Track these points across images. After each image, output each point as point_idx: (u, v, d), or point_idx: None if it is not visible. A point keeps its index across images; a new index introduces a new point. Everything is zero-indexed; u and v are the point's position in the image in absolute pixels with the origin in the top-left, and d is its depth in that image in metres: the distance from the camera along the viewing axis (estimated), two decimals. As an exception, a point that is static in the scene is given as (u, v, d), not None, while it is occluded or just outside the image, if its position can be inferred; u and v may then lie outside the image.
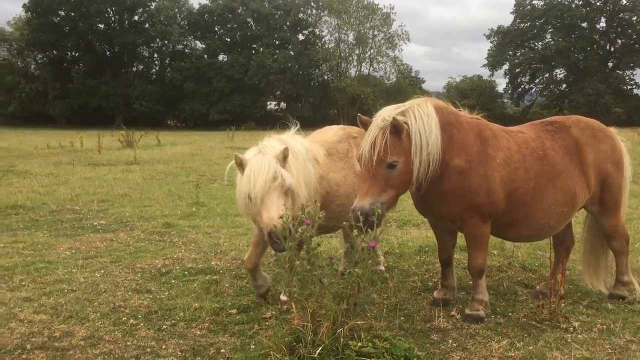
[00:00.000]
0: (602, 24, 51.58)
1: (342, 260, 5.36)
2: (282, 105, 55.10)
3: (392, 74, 55.18)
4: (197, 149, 20.85)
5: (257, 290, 4.65)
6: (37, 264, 5.79)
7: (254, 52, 51.94)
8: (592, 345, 3.79)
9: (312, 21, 54.59)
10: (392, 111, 3.91)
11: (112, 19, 52.50)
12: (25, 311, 4.44)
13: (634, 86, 51.95)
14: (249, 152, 4.16)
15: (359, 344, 3.21)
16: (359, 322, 3.39)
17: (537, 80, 55.32)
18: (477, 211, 4.07)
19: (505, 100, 58.73)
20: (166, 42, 53.11)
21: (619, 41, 51.65)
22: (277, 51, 51.01)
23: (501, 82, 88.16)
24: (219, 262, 5.93)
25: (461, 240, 5.05)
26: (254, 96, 50.24)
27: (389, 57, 54.30)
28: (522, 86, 56.23)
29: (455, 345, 3.82)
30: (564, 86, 53.88)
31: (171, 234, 7.27)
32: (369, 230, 3.46)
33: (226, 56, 53.19)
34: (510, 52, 54.28)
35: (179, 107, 50.78)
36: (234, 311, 4.47)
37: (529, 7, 52.76)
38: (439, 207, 4.17)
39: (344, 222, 3.64)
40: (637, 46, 50.15)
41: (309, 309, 3.35)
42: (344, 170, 4.71)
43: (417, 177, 3.89)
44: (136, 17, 53.40)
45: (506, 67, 54.38)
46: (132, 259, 6.02)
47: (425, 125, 3.85)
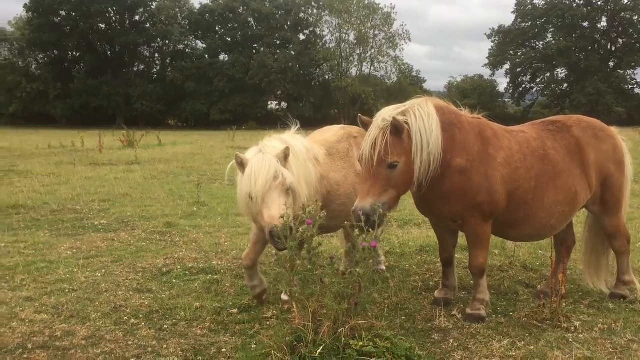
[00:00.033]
0: (604, 23, 51.52)
1: (343, 259, 5.36)
2: (283, 105, 55.04)
3: (393, 73, 55.11)
4: (198, 148, 20.86)
5: (252, 291, 4.61)
6: (39, 263, 5.79)
7: (254, 51, 51.87)
8: (594, 344, 3.78)
9: (313, 21, 54.51)
10: (392, 111, 3.90)
11: (113, 18, 52.50)
12: (26, 311, 4.44)
13: (635, 86, 51.90)
14: (250, 152, 4.15)
15: (360, 344, 3.21)
16: (360, 322, 3.38)
17: (538, 79, 55.24)
18: (478, 211, 4.06)
19: (506, 99, 58.63)
20: (167, 41, 53.10)
21: (620, 41, 51.52)
22: (278, 51, 50.98)
23: (502, 82, 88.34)
24: (220, 262, 5.93)
25: (462, 239, 5.04)
26: (254, 96, 50.22)
27: (390, 56, 54.22)
28: (523, 86, 56.14)
29: (456, 344, 3.81)
30: (565, 86, 53.80)
31: (172, 234, 7.27)
32: (370, 230, 3.45)
33: (227, 56, 53.14)
34: (511, 52, 54.17)
35: (180, 107, 50.77)
36: (235, 311, 4.47)
37: (530, 6, 52.65)
38: (440, 207, 4.17)
39: (346, 222, 3.63)
40: (638, 45, 50.08)
41: (310, 309, 3.35)
42: (345, 169, 4.71)
43: (418, 177, 3.88)
44: (137, 17, 53.39)
45: (507, 66, 54.32)
46: (133, 259, 6.02)
47: (425, 124, 3.85)
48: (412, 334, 3.96)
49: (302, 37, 54.20)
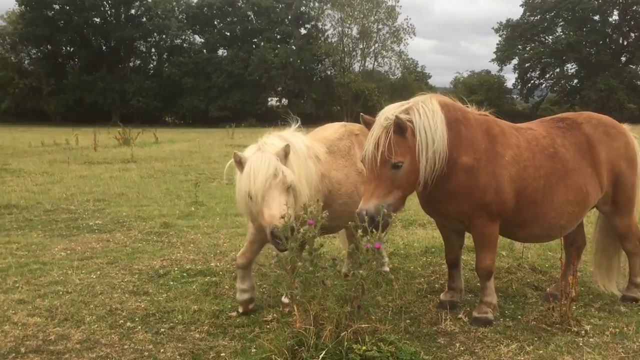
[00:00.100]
0: (615, 17, 50.65)
1: (345, 261, 5.32)
2: (284, 101, 54.82)
3: (397, 69, 54.71)
4: (196, 146, 20.87)
5: (240, 295, 4.41)
6: (32, 265, 5.74)
7: (254, 46, 51.56)
8: (605, 349, 3.74)
9: (314, 14, 54.00)
10: (395, 109, 3.86)
11: (108, 12, 52.20)
12: (19, 314, 4.39)
13: (648, 81, 51.09)
14: (248, 150, 4.08)
15: (364, 348, 3.18)
16: (363, 325, 3.35)
17: (548, 75, 54.48)
18: (485, 210, 4.01)
19: (514, 96, 58.10)
20: (164, 36, 52.92)
21: (633, 35, 50.54)
22: (279, 45, 50.64)
23: (510, 77, 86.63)
24: (218, 263, 5.87)
25: (469, 240, 5.00)
26: (254, 92, 50.02)
27: (394, 51, 53.61)
28: (532, 81, 55.38)
29: (462, 349, 3.76)
30: (576, 81, 53.02)
31: (169, 234, 7.21)
32: (374, 231, 3.40)
33: (226, 51, 52.95)
34: (519, 46, 53.38)
35: (177, 104, 50.61)
36: (234, 314, 4.41)
37: (539, -1, 52.04)
38: (446, 207, 4.12)
39: (349, 222, 3.59)
40: (651, 40, 49.32)
41: (311, 312, 3.32)
42: (346, 168, 4.64)
43: (424, 176, 3.83)
44: (133, 11, 53.13)
45: (515, 61, 53.55)
46: (129, 260, 5.96)
47: (430, 122, 3.80)
48: (417, 338, 3.91)
49: (303, 31, 53.88)
